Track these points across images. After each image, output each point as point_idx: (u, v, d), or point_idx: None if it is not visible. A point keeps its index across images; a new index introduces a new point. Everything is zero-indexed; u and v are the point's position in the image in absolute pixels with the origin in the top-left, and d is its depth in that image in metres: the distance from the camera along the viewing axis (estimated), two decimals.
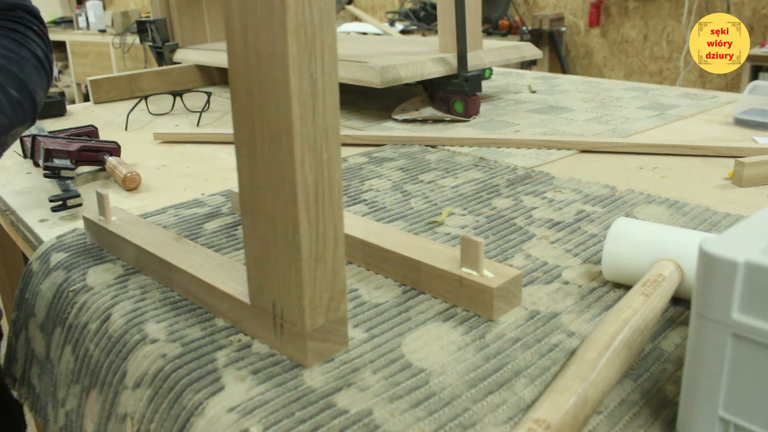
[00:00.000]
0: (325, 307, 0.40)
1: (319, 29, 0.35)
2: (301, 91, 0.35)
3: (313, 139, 0.37)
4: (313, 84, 0.36)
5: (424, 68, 1.02)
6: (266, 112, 0.37)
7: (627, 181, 0.74)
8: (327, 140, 0.37)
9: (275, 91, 0.36)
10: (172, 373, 0.42)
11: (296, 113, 0.35)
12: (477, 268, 0.47)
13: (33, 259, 0.62)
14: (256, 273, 0.42)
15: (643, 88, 1.27)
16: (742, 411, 0.30)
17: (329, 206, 0.39)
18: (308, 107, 0.36)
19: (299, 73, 0.35)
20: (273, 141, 0.37)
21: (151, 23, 1.41)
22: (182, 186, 0.80)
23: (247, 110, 0.38)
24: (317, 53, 0.36)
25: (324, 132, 0.37)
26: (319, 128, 0.37)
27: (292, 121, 0.35)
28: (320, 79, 0.36)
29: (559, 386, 0.35)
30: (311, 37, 0.35)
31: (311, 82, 0.36)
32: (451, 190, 0.73)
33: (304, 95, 0.36)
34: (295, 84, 0.35)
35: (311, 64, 0.36)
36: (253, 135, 0.38)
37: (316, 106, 0.36)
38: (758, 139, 0.87)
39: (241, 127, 0.39)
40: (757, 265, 0.28)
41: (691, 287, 0.45)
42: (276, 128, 0.37)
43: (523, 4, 3.56)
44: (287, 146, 0.36)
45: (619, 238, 0.49)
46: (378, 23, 3.22)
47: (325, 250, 0.39)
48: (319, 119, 0.37)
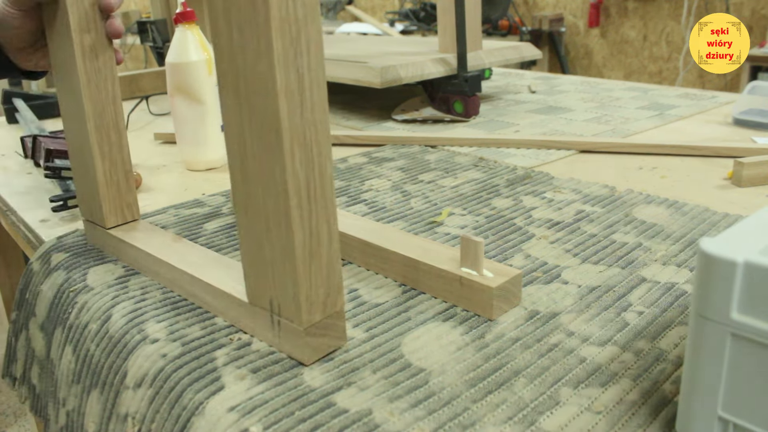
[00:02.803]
0: (321, 302, 0.40)
1: (304, 24, 0.35)
2: (288, 87, 0.35)
3: (302, 135, 0.37)
4: (300, 79, 0.36)
5: (424, 68, 1.02)
6: (254, 108, 0.37)
7: (626, 181, 0.74)
8: (317, 135, 0.37)
9: (262, 87, 0.36)
10: (173, 373, 0.42)
11: (284, 109, 0.35)
12: (477, 268, 0.47)
13: (33, 259, 0.62)
14: (253, 271, 0.42)
15: (642, 88, 1.28)
16: (742, 411, 0.30)
17: (321, 201, 0.39)
18: (296, 103, 0.36)
19: (285, 69, 0.35)
20: (262, 138, 0.37)
21: (152, 23, 1.41)
22: (182, 186, 0.80)
23: (235, 108, 0.38)
24: (303, 48, 0.36)
25: (313, 127, 0.37)
26: (308, 123, 0.37)
27: (280, 118, 0.35)
28: (307, 75, 0.36)
29: None
30: (296, 33, 0.35)
31: (298, 78, 0.36)
32: (451, 190, 0.73)
33: (291, 91, 0.36)
34: (282, 80, 0.35)
35: (297, 60, 0.36)
36: (243, 132, 0.38)
37: (303, 102, 0.36)
38: (757, 140, 0.87)
39: (230, 124, 0.39)
40: (757, 265, 0.28)
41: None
42: (265, 125, 0.37)
43: (522, 5, 3.56)
44: (276, 143, 0.36)
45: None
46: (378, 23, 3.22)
47: (320, 245, 0.39)
48: (308, 114, 0.37)
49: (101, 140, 0.56)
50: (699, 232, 0.59)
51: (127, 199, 0.60)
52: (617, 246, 0.57)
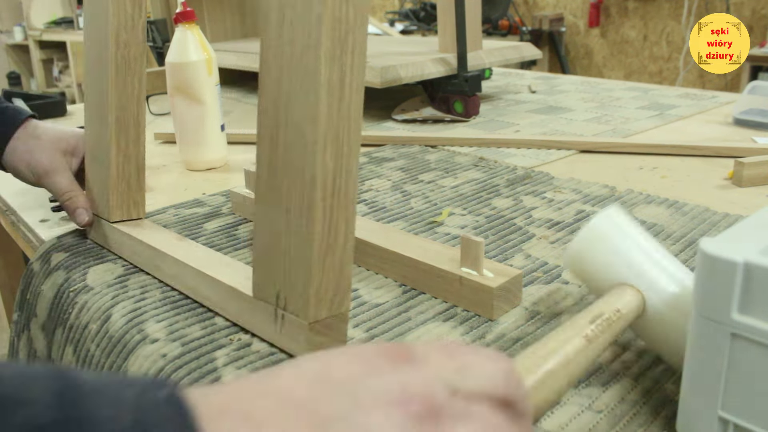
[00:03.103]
0: (329, 300, 0.40)
1: (353, 27, 0.37)
2: (330, 81, 0.37)
3: (336, 129, 0.38)
4: (342, 77, 0.37)
5: (424, 68, 1.02)
6: (294, 100, 0.38)
7: (626, 181, 0.74)
8: (349, 133, 0.39)
9: (306, 79, 0.38)
10: (173, 373, 0.42)
11: (323, 102, 0.37)
12: (477, 268, 0.47)
13: (34, 260, 0.63)
14: (264, 262, 0.42)
15: (642, 88, 1.28)
16: (741, 410, 0.30)
17: (344, 199, 0.39)
18: (335, 97, 0.37)
19: (330, 63, 0.37)
20: (298, 128, 0.38)
21: (152, 23, 1.41)
22: (183, 186, 0.80)
23: (274, 98, 0.40)
24: (348, 48, 0.37)
25: (347, 124, 0.38)
26: (343, 119, 0.38)
27: (319, 109, 0.37)
28: (349, 73, 0.38)
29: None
30: (344, 33, 0.37)
31: (340, 75, 0.37)
32: (451, 190, 0.73)
33: (333, 85, 0.37)
34: (326, 74, 0.37)
35: (342, 57, 0.37)
36: (277, 123, 0.40)
37: (342, 98, 0.38)
38: (757, 139, 0.87)
39: (266, 114, 0.40)
40: (757, 265, 0.28)
41: (647, 326, 0.38)
42: (302, 116, 0.38)
43: (523, 5, 3.56)
44: (312, 132, 0.37)
45: (593, 239, 0.41)
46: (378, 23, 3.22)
47: (336, 241, 0.40)
48: (344, 111, 0.38)
49: (119, 133, 0.58)
50: (699, 232, 0.59)
51: (136, 196, 0.60)
52: None
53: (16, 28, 4.75)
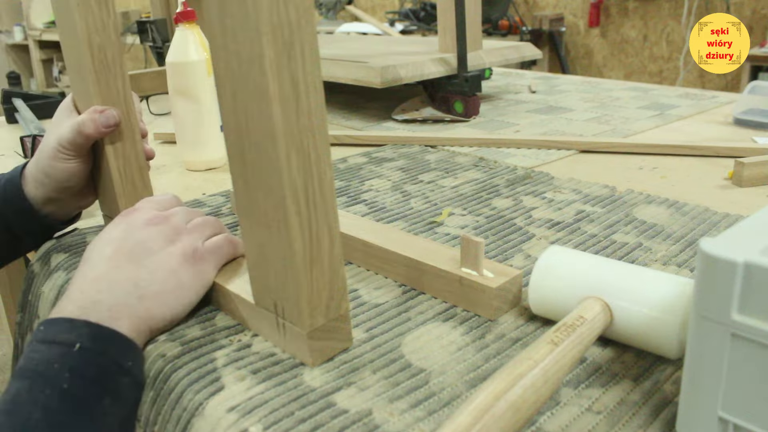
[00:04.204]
0: (324, 306, 0.40)
1: (297, 28, 0.34)
2: (281, 93, 0.34)
3: (299, 141, 0.36)
4: (295, 85, 0.35)
5: (424, 68, 1.02)
6: (251, 115, 0.36)
7: (627, 181, 0.74)
8: (314, 140, 0.36)
9: (256, 94, 0.35)
10: (172, 374, 0.42)
11: (278, 116, 0.34)
12: (477, 268, 0.47)
13: (34, 261, 0.63)
14: (257, 274, 0.42)
15: (642, 88, 1.28)
16: (742, 411, 0.30)
17: (321, 207, 0.38)
18: (291, 109, 0.35)
19: (278, 75, 0.34)
20: (259, 145, 0.36)
21: (151, 23, 1.41)
22: (182, 186, 0.80)
23: (233, 114, 0.38)
24: (296, 53, 0.34)
25: (310, 132, 0.36)
26: (304, 129, 0.36)
27: (275, 125, 0.34)
28: (302, 80, 0.35)
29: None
30: (289, 37, 0.34)
31: (292, 84, 0.35)
32: (451, 191, 0.73)
33: (286, 97, 0.34)
34: (275, 87, 0.34)
35: (291, 65, 0.34)
36: (241, 139, 0.38)
37: (299, 107, 0.35)
38: (758, 139, 0.87)
39: (229, 131, 0.39)
40: (757, 265, 0.28)
41: (621, 329, 0.41)
42: (261, 132, 0.36)
43: (523, 4, 3.56)
44: (273, 150, 0.35)
45: (546, 270, 0.44)
46: (378, 23, 3.22)
47: (320, 251, 0.39)
48: (304, 120, 0.36)
49: (113, 137, 0.57)
50: (699, 233, 0.59)
51: (143, 195, 0.60)
52: (617, 246, 0.57)
53: (16, 27, 4.76)
